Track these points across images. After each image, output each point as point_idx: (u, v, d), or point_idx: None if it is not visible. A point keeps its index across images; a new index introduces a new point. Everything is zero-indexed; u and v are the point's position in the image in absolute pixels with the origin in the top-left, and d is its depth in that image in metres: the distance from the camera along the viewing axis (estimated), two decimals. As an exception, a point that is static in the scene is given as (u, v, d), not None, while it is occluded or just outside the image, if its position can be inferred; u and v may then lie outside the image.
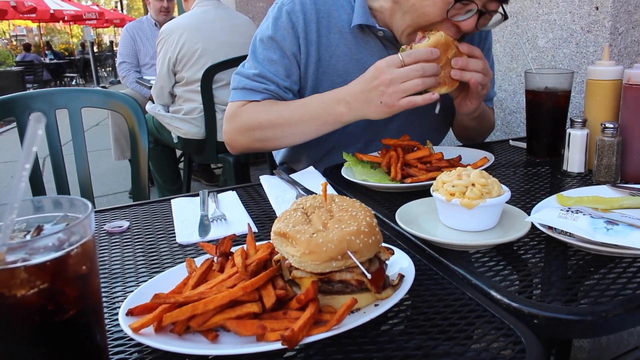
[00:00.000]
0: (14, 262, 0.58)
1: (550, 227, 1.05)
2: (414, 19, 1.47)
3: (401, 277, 0.87)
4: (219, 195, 1.43)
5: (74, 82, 17.96)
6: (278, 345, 0.72)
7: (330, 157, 1.82)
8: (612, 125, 1.36)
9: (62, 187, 1.99)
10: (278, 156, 2.03)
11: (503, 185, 1.10)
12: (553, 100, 1.60)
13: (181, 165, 4.38)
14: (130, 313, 0.82)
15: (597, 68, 1.48)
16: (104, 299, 0.93)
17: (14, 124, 1.97)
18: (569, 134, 1.48)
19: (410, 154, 1.47)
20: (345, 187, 1.46)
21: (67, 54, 22.13)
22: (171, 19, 4.84)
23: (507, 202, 1.09)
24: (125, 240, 1.20)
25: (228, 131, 1.70)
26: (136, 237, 1.22)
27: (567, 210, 1.07)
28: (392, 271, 0.91)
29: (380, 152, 1.55)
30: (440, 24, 1.44)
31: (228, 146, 1.74)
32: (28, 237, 0.65)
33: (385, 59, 1.39)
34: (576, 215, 1.04)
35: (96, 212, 1.37)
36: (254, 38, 1.70)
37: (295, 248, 0.81)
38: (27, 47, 18.21)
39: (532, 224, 1.07)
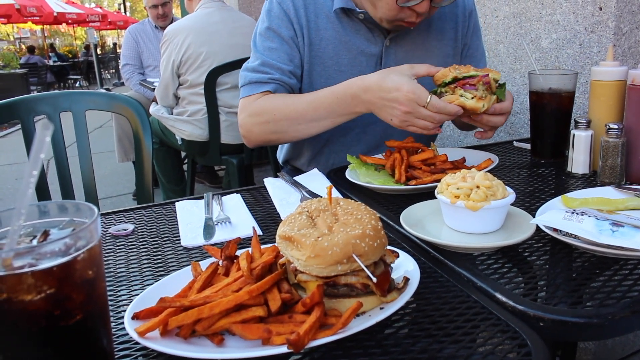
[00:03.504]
0: (21, 267, 0.58)
1: (555, 229, 1.05)
2: (378, 12, 1.56)
3: (406, 280, 0.87)
4: (224, 197, 1.44)
5: (77, 84, 17.97)
6: (284, 349, 0.73)
7: (330, 147, 1.86)
8: (616, 126, 1.36)
9: (66, 189, 1.99)
10: (281, 154, 2.06)
11: (508, 187, 1.10)
12: (557, 101, 1.60)
13: (185, 166, 4.39)
14: (135, 317, 0.82)
15: (601, 69, 1.48)
16: (109, 303, 0.93)
17: (19, 126, 1.98)
18: (573, 135, 1.48)
19: (415, 156, 1.47)
20: (349, 190, 1.46)
21: (70, 56, 22.16)
22: (171, 22, 4.85)
23: (511, 204, 1.09)
24: (130, 244, 1.21)
25: (243, 124, 1.72)
26: (141, 240, 1.22)
27: (572, 212, 1.07)
28: (397, 274, 0.91)
29: (384, 154, 1.55)
30: (400, 12, 1.51)
31: (244, 138, 1.76)
32: (35, 242, 0.65)
33: (415, 91, 1.37)
34: (581, 217, 1.04)
35: (101, 215, 1.37)
36: (253, 36, 1.76)
37: (300, 252, 0.81)
38: (31, 50, 18.25)
39: (537, 226, 1.07)
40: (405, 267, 0.93)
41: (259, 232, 1.22)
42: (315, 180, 1.52)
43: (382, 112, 1.46)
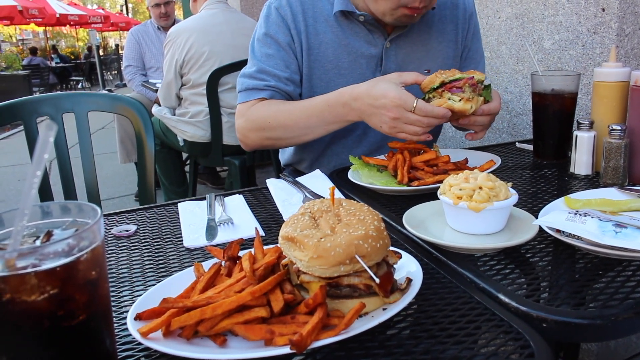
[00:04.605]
0: (25, 267, 0.58)
1: (558, 230, 1.05)
2: (380, 5, 1.56)
3: (409, 280, 0.87)
4: (226, 198, 1.44)
5: (79, 86, 18.00)
6: (286, 350, 0.73)
7: (332, 149, 1.86)
8: (619, 127, 1.36)
9: (69, 190, 2.00)
10: (283, 158, 2.07)
11: (510, 188, 1.10)
12: (560, 102, 1.60)
13: (187, 168, 4.39)
14: (138, 317, 0.82)
15: (604, 70, 1.48)
16: (111, 303, 0.93)
17: (21, 128, 1.98)
18: (576, 136, 1.48)
19: (417, 157, 1.47)
20: (351, 191, 1.46)
21: (73, 57, 22.15)
22: (174, 23, 4.86)
23: (514, 205, 1.09)
24: (132, 244, 1.21)
25: (240, 129, 1.75)
26: (143, 241, 1.23)
27: (575, 213, 1.07)
28: (399, 275, 0.91)
29: (386, 155, 1.55)
30: None
31: (241, 143, 1.79)
32: (38, 243, 0.65)
33: (401, 96, 1.39)
34: (584, 218, 1.04)
35: (103, 216, 1.37)
36: (251, 41, 1.77)
37: (303, 252, 0.81)
38: (33, 51, 18.27)
39: (540, 227, 1.07)
40: (408, 268, 0.93)
41: (262, 232, 1.22)
42: (317, 181, 1.52)
43: (372, 120, 1.47)
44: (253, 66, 1.71)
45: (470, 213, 1.05)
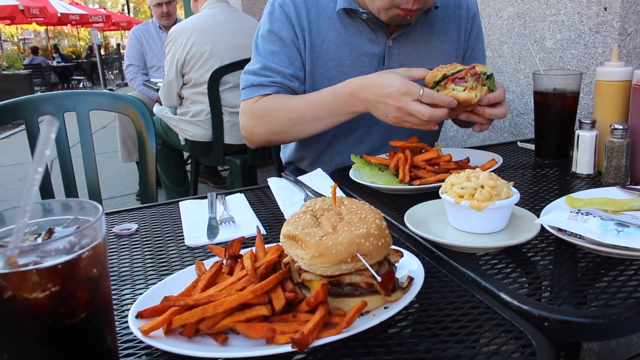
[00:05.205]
0: (26, 264, 0.58)
1: (559, 229, 1.05)
2: (375, 2, 1.56)
3: (410, 279, 0.87)
4: (227, 197, 1.44)
5: (81, 85, 18.02)
6: (288, 348, 0.72)
7: (333, 148, 1.86)
8: (621, 127, 1.35)
9: (70, 189, 2.00)
10: (284, 156, 2.06)
11: (512, 187, 1.10)
12: (561, 102, 1.59)
13: (188, 167, 4.39)
14: (139, 316, 0.82)
15: (606, 69, 1.48)
16: (113, 302, 0.93)
17: (23, 127, 1.98)
18: (578, 135, 1.47)
19: (418, 156, 1.47)
20: (352, 189, 1.45)
21: (74, 57, 22.15)
22: (175, 22, 4.86)
23: (516, 204, 1.09)
24: (133, 243, 1.21)
25: (245, 126, 1.74)
26: (145, 239, 1.22)
27: (577, 212, 1.06)
28: (401, 274, 0.91)
29: (388, 154, 1.55)
30: None
31: (246, 140, 1.78)
32: (39, 240, 0.65)
33: (407, 85, 1.40)
34: (586, 217, 1.04)
35: (105, 214, 1.37)
36: (254, 38, 1.77)
37: (304, 251, 0.81)
38: (34, 50, 18.28)
39: (542, 226, 1.07)
40: (410, 266, 0.93)
41: (263, 231, 1.22)
42: (319, 179, 1.52)
43: (378, 110, 1.48)
44: (257, 63, 1.71)
45: (472, 212, 1.05)
